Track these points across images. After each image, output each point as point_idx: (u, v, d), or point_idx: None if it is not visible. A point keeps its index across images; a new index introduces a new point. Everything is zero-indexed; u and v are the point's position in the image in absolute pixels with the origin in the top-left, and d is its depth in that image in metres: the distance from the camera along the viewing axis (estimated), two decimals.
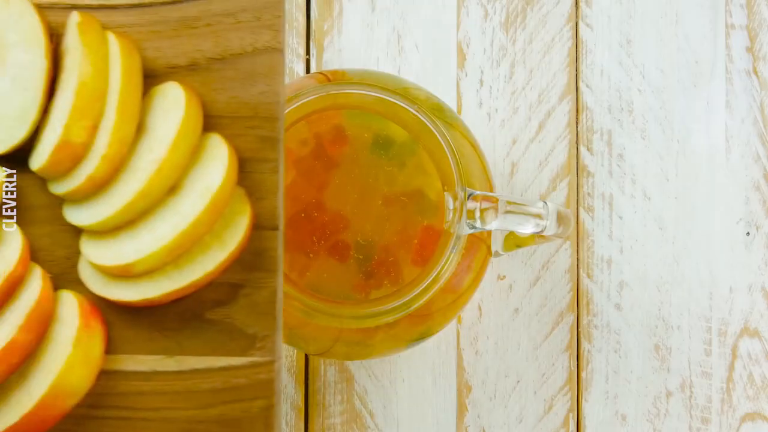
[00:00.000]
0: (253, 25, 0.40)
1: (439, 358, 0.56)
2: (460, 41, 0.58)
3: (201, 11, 0.41)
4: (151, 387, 0.39)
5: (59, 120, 0.38)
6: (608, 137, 0.57)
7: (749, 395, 0.57)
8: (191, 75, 0.40)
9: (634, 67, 0.58)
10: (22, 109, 0.39)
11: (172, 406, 0.39)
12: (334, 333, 0.47)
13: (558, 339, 0.57)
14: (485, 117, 0.57)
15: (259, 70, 0.40)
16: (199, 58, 0.41)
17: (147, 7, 0.41)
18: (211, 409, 0.39)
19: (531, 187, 0.57)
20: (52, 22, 0.41)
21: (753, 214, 0.57)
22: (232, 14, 0.41)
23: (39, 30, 0.39)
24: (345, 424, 0.56)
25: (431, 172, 0.45)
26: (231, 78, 0.40)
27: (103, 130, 0.39)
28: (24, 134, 0.39)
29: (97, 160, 0.39)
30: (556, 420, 0.56)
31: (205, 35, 0.41)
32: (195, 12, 0.41)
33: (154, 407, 0.40)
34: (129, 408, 0.40)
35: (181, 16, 0.41)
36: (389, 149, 0.44)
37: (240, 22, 0.41)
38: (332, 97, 0.45)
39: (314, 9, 0.58)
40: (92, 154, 0.39)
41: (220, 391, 0.39)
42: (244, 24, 0.41)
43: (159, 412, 0.40)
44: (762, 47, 0.58)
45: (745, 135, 0.57)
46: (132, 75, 0.40)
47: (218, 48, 0.41)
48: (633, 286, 0.57)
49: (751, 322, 0.57)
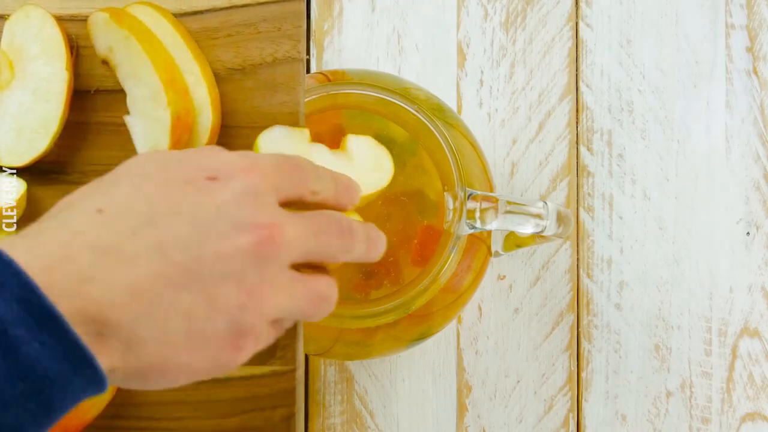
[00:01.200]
0: (273, 35, 0.40)
1: (439, 358, 0.56)
2: (460, 41, 0.58)
3: (222, 21, 0.41)
4: (172, 397, 0.39)
5: (159, 105, 0.38)
6: (608, 137, 0.57)
7: (749, 395, 0.57)
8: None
9: (634, 67, 0.58)
10: (44, 121, 0.39)
11: (193, 415, 0.39)
12: (334, 333, 0.47)
13: (558, 339, 0.57)
14: (485, 117, 0.57)
15: (279, 80, 0.40)
16: (219, 69, 0.41)
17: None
18: (233, 418, 0.39)
19: (531, 187, 0.57)
20: (72, 33, 0.41)
21: (753, 214, 0.57)
22: (253, 24, 0.41)
23: (60, 42, 0.39)
24: (345, 424, 0.56)
25: (431, 172, 0.45)
26: (251, 88, 0.40)
27: (196, 84, 0.39)
28: (45, 146, 0.39)
29: (209, 112, 0.40)
30: (556, 420, 0.56)
31: (225, 45, 0.41)
32: (216, 23, 0.41)
33: (176, 416, 0.40)
34: (150, 418, 0.40)
35: (202, 27, 0.41)
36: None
37: (260, 32, 0.41)
38: (332, 97, 0.45)
39: (314, 9, 0.58)
40: (202, 111, 0.40)
41: (242, 401, 0.39)
42: (264, 34, 0.41)
43: (180, 422, 0.39)
44: (762, 47, 0.58)
45: (745, 135, 0.57)
46: (177, 24, 0.40)
47: (238, 58, 0.41)
48: (633, 286, 0.57)
49: (751, 322, 0.57)
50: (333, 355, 0.53)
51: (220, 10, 0.41)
